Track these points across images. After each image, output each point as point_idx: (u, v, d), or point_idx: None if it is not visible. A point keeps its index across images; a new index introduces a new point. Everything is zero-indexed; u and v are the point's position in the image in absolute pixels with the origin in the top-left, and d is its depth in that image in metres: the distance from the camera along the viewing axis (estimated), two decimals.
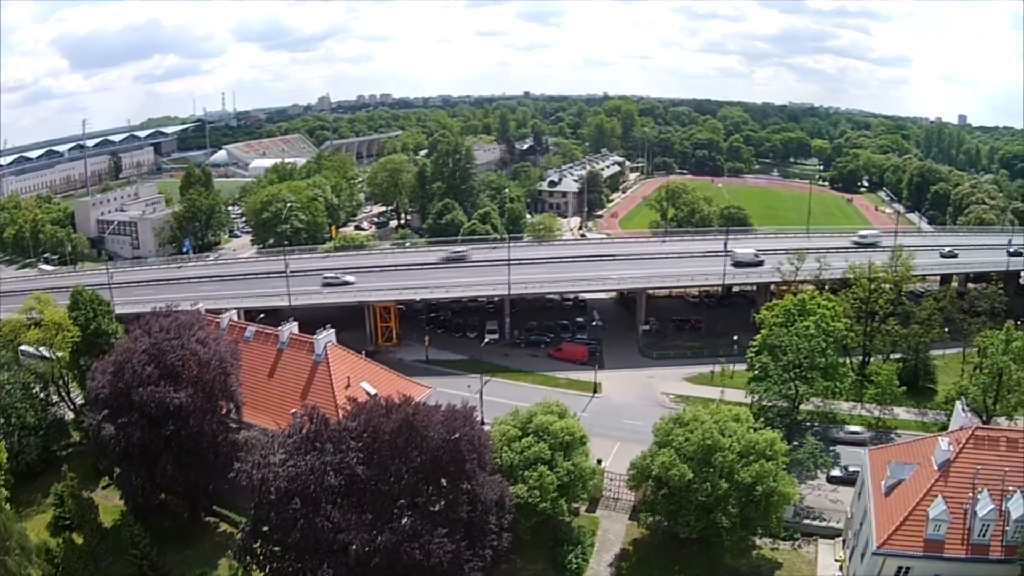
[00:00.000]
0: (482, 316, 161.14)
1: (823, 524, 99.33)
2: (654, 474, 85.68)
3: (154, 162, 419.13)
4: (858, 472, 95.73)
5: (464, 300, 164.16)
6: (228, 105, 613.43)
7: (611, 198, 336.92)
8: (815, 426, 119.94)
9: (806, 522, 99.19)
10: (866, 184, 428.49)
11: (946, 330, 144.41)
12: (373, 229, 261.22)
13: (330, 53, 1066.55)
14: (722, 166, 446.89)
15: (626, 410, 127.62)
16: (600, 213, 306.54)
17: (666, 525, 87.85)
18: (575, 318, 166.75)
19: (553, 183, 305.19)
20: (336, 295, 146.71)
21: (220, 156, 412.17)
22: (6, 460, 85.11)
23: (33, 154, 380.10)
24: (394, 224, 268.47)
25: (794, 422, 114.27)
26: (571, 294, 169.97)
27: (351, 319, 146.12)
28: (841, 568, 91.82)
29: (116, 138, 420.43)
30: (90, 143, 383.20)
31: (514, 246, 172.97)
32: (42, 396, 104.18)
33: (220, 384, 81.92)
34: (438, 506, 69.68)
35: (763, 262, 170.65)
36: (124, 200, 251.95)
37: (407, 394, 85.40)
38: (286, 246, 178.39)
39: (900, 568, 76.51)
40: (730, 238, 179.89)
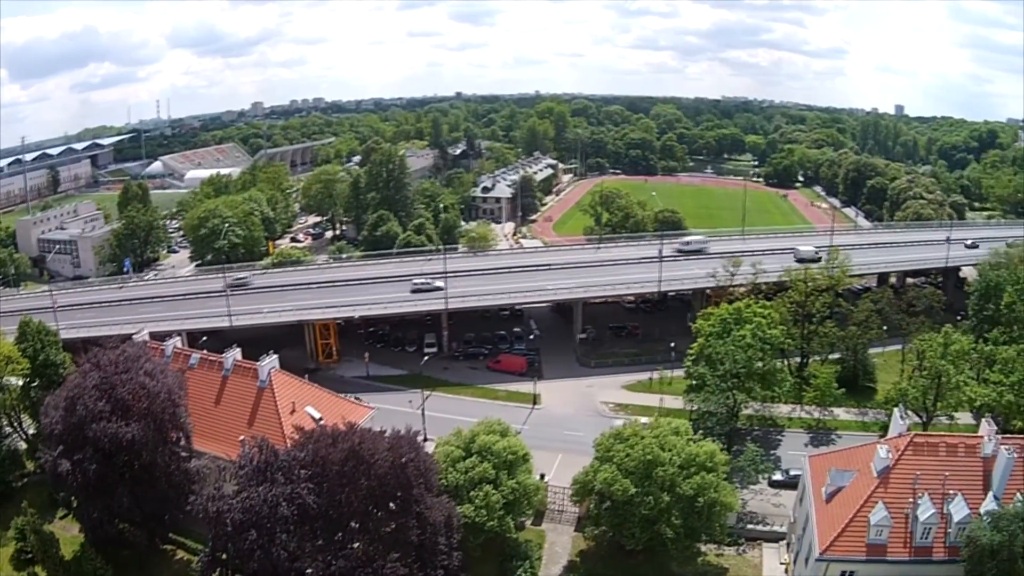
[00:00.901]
0: (420, 329, 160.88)
1: (767, 528, 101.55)
2: (597, 489, 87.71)
3: (91, 175, 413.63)
4: (799, 476, 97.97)
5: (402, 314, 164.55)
6: (163, 112, 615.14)
7: (545, 202, 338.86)
8: (755, 431, 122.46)
9: (750, 527, 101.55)
10: (801, 179, 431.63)
11: (884, 328, 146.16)
12: (309, 241, 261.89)
13: (263, 58, 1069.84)
14: (655, 165, 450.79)
15: (567, 421, 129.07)
16: (534, 218, 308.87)
17: (611, 536, 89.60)
18: (512, 328, 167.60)
19: (487, 189, 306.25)
20: (276, 315, 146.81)
21: (156, 167, 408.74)
22: None
23: None
24: (330, 235, 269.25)
25: (734, 430, 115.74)
26: (508, 306, 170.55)
27: (292, 337, 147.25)
28: (786, 571, 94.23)
29: (54, 151, 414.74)
30: (28, 157, 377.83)
31: (450, 258, 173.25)
32: None
33: (169, 416, 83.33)
34: (388, 529, 71.51)
35: (821, 258, 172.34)
36: (64, 218, 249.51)
37: (350, 419, 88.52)
38: (224, 263, 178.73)
39: (844, 572, 78.92)
40: (664, 243, 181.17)
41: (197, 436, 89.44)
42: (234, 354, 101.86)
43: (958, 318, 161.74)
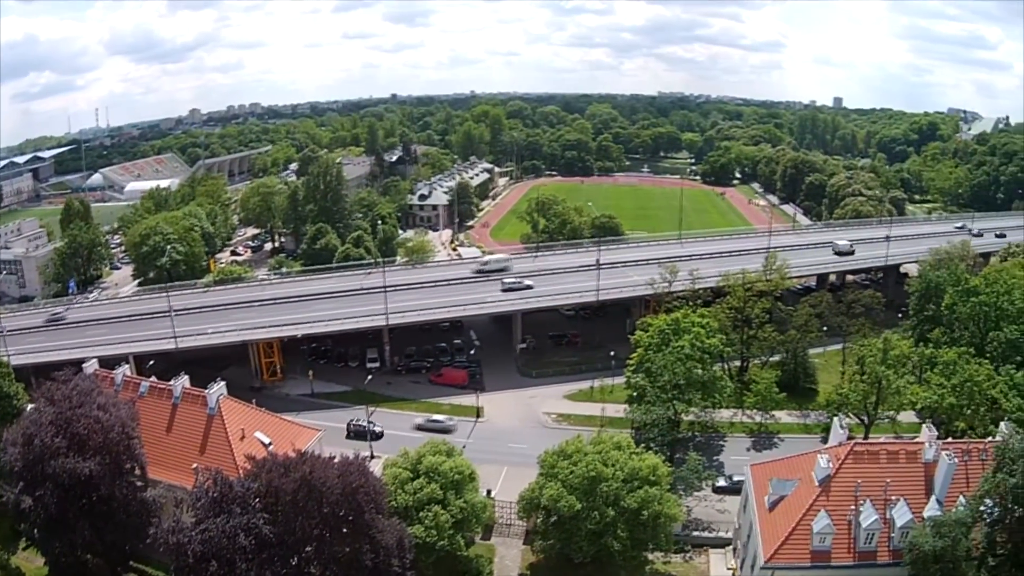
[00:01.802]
0: (362, 344, 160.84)
1: (713, 535, 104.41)
2: (543, 505, 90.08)
3: (33, 189, 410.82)
4: (743, 481, 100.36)
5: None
6: (102, 121, 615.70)
7: (481, 207, 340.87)
8: (697, 437, 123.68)
9: (696, 534, 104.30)
10: (739, 177, 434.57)
11: (824, 328, 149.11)
12: (248, 253, 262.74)
13: (200, 63, 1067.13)
14: (592, 166, 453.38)
15: (511, 433, 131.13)
16: (471, 224, 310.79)
17: (560, 549, 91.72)
18: (453, 340, 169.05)
19: (423, 196, 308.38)
20: (220, 335, 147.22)
21: (96, 180, 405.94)
22: None
23: None
24: (269, 247, 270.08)
25: (676, 439, 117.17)
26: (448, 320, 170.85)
27: (237, 355, 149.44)
28: None
29: None
30: None
31: (389, 270, 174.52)
32: None
33: (124, 448, 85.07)
34: (343, 554, 73.56)
35: (854, 251, 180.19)
36: (7, 236, 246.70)
37: (298, 442, 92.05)
38: (167, 280, 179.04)
39: None
40: (602, 250, 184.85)
41: (151, 465, 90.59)
42: (182, 382, 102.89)
43: (899, 315, 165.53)
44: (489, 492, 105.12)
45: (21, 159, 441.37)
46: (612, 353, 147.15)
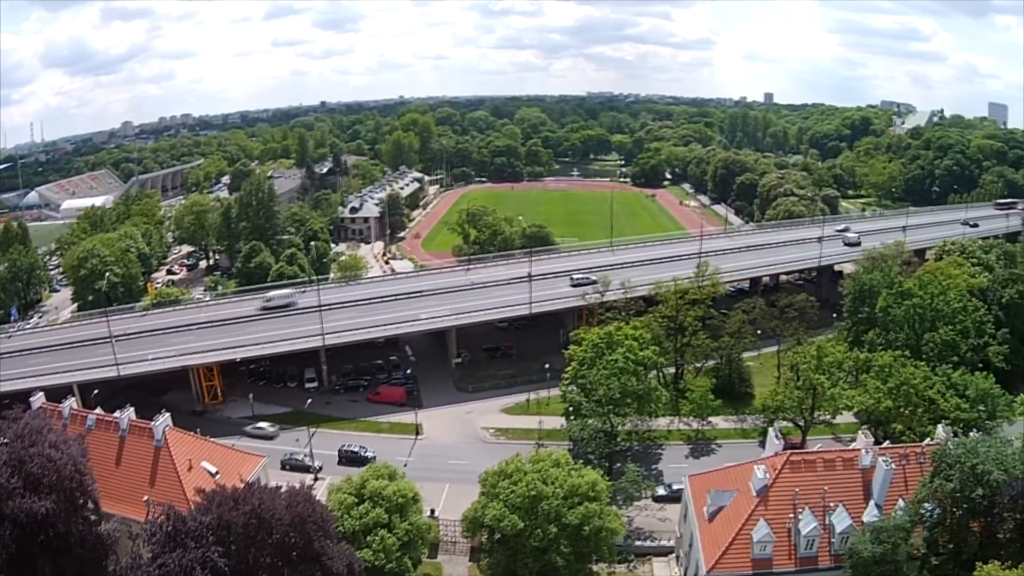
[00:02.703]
0: (300, 364, 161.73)
1: (655, 544, 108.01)
2: (486, 524, 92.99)
3: None
4: (682, 490, 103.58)
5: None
6: (36, 135, 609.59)
7: (412, 217, 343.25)
8: (635, 447, 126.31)
9: (639, 544, 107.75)
10: (669, 177, 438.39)
11: (758, 332, 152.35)
12: (184, 272, 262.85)
13: (133, 74, 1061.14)
14: (522, 171, 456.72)
15: (450, 450, 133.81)
16: (403, 235, 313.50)
17: (506, 566, 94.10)
18: (389, 356, 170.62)
19: (355, 209, 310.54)
20: (161, 362, 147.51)
21: (32, 198, 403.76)
22: None
23: None
24: (204, 265, 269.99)
25: (613, 452, 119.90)
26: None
27: (178, 379, 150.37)
28: None
29: None
30: None
31: (323, 288, 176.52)
32: None
33: (77, 485, 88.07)
34: None
35: (861, 242, 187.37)
36: None
37: (243, 470, 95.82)
38: (106, 304, 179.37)
39: None
40: (533, 260, 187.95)
41: (103, 498, 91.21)
42: (128, 414, 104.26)
43: (835, 315, 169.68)
44: (433, 511, 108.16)
45: None
46: (547, 366, 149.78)
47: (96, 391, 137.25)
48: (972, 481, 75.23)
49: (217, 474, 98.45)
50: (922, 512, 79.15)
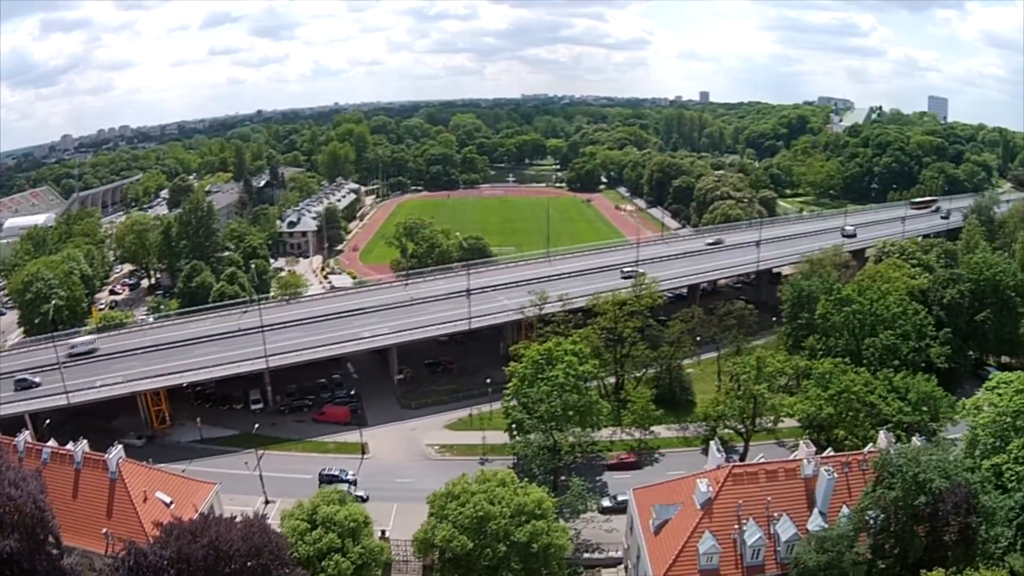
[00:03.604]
0: (245, 384, 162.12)
1: (603, 555, 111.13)
2: (437, 544, 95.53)
3: None
4: (627, 500, 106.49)
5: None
6: None
7: (350, 229, 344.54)
8: (579, 459, 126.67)
9: (587, 556, 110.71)
10: (605, 181, 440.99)
11: (697, 339, 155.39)
12: (126, 292, 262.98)
13: (72, 86, 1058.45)
14: (457, 179, 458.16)
15: (397, 468, 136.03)
16: (341, 248, 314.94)
17: None
18: (332, 374, 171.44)
19: (292, 223, 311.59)
20: (108, 388, 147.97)
21: None
22: None
23: None
24: (146, 284, 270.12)
25: (557, 467, 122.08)
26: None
27: (126, 404, 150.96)
28: None
29: None
30: None
31: (264, 307, 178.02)
32: None
33: (38, 521, 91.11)
34: None
35: (856, 234, 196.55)
36: None
37: (196, 498, 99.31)
38: (52, 327, 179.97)
39: None
40: (471, 273, 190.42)
41: (63, 532, 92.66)
42: (81, 446, 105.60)
43: (774, 319, 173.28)
44: (384, 532, 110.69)
45: None
46: (488, 380, 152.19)
47: (48, 420, 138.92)
48: (915, 489, 77.91)
49: (171, 504, 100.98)
50: (867, 519, 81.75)
